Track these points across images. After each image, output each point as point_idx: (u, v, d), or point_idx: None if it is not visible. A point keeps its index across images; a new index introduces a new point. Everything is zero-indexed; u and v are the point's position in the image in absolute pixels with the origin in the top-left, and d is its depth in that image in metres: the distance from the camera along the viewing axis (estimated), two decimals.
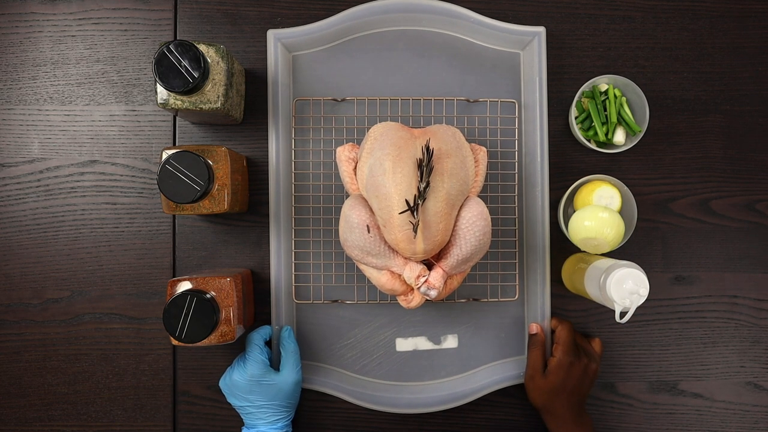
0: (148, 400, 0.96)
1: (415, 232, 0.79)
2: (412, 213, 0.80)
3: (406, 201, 0.80)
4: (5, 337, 0.95)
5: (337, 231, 0.95)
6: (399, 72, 0.97)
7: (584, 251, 0.94)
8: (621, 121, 0.95)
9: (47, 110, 0.96)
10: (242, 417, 0.90)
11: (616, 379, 0.98)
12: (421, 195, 0.80)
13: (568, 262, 0.96)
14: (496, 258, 0.97)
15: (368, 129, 0.94)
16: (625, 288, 0.81)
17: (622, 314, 0.88)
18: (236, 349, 0.96)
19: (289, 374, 0.88)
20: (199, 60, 0.79)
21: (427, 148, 0.80)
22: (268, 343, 0.93)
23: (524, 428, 0.98)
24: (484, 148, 0.91)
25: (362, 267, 0.88)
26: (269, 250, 0.95)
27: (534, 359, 0.92)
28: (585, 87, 0.95)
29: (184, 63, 0.79)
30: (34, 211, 0.96)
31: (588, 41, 0.99)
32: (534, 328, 0.94)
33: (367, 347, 0.96)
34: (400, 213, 0.80)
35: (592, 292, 0.87)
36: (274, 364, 0.92)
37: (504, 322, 0.97)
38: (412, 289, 0.87)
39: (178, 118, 0.97)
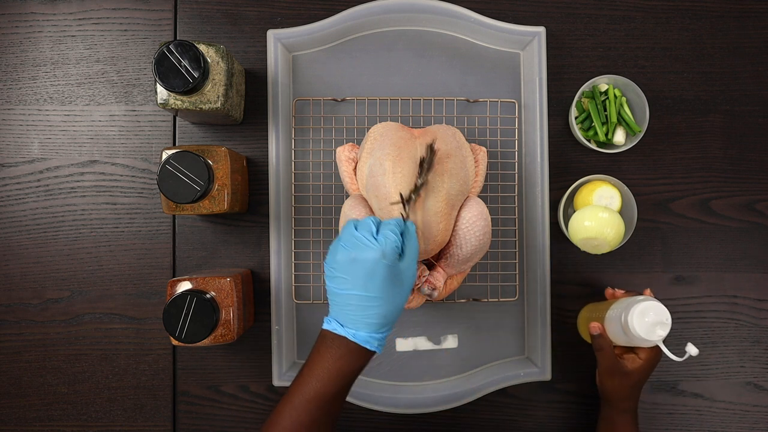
0: (148, 400, 0.96)
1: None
2: (404, 206, 0.78)
3: (401, 194, 0.78)
4: (5, 337, 0.95)
5: (337, 231, 0.95)
6: (399, 72, 0.97)
7: (594, 302, 0.94)
8: (621, 121, 0.95)
9: (47, 110, 0.96)
10: (338, 311, 0.73)
11: None
12: (417, 191, 0.79)
13: (582, 315, 0.95)
14: (496, 258, 0.97)
15: (368, 129, 0.94)
16: (648, 321, 0.79)
17: (673, 351, 0.85)
18: (236, 349, 0.96)
19: (410, 266, 0.73)
20: (199, 60, 0.79)
21: (432, 147, 0.80)
22: None
23: (524, 428, 0.98)
24: (484, 148, 0.91)
25: None
26: (269, 250, 0.95)
27: (608, 357, 0.86)
28: (585, 87, 0.95)
29: (184, 63, 0.79)
30: (34, 211, 0.96)
31: (588, 41, 0.99)
32: (596, 329, 0.87)
33: None
34: (391, 203, 0.79)
35: (618, 338, 0.84)
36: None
37: (504, 322, 0.97)
38: (412, 289, 0.87)
39: (178, 118, 0.97)
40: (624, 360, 0.86)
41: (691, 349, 0.78)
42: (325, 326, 0.74)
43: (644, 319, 0.79)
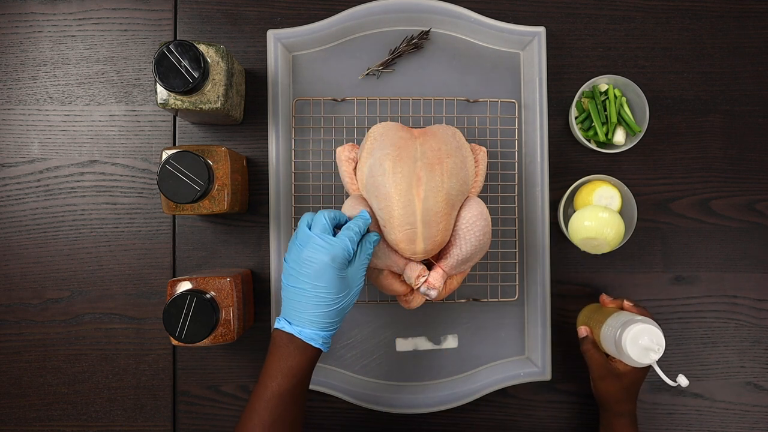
0: (148, 400, 0.96)
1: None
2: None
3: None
4: (5, 337, 0.95)
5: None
6: (399, 72, 0.97)
7: (594, 302, 0.94)
8: (621, 121, 0.95)
9: (47, 110, 0.96)
10: (287, 307, 0.77)
11: None
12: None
13: (581, 317, 0.95)
14: (496, 258, 0.97)
15: (368, 129, 0.94)
16: (641, 344, 0.79)
17: (666, 373, 0.85)
18: (236, 349, 0.96)
19: (358, 269, 0.77)
20: (199, 60, 0.79)
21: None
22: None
23: (524, 428, 0.98)
24: (484, 148, 0.91)
25: None
26: (269, 250, 0.95)
27: (596, 361, 0.87)
28: (585, 87, 0.94)
29: (184, 63, 0.79)
30: (34, 211, 0.96)
31: (588, 41, 0.99)
32: (583, 331, 0.90)
33: (367, 347, 0.96)
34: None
35: (612, 353, 0.85)
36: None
37: (504, 322, 0.97)
38: (412, 289, 0.87)
39: (178, 118, 0.97)
40: (616, 362, 0.86)
41: (682, 380, 0.79)
42: (276, 325, 0.77)
43: (638, 342, 0.79)
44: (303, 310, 0.75)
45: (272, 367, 0.75)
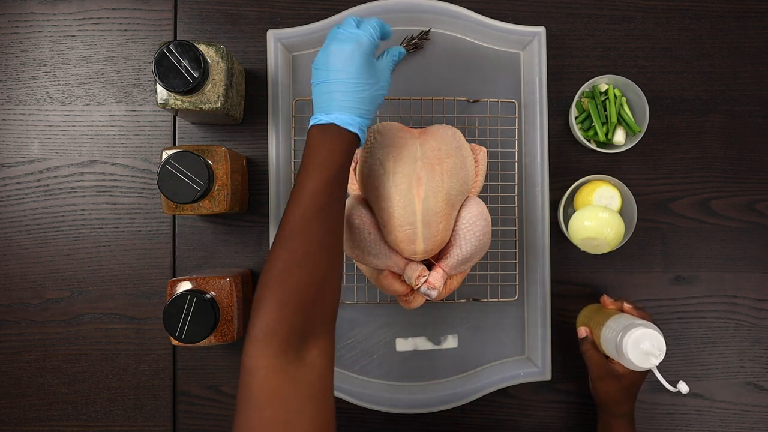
0: (148, 400, 0.96)
1: None
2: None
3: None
4: (5, 337, 0.95)
5: None
6: (399, 72, 0.97)
7: (595, 303, 0.94)
8: (621, 121, 0.95)
9: (47, 110, 0.96)
10: (320, 104, 0.76)
11: None
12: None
13: (580, 318, 0.95)
14: (496, 258, 0.97)
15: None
16: (642, 349, 0.79)
17: (668, 380, 0.85)
18: (236, 349, 0.96)
19: (386, 66, 0.78)
20: (199, 60, 0.79)
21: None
22: None
23: (524, 428, 0.98)
24: (484, 149, 0.91)
25: (362, 267, 0.88)
26: (269, 250, 0.95)
27: (595, 362, 0.87)
28: (585, 87, 0.95)
29: (184, 63, 0.79)
30: (34, 211, 0.96)
31: (588, 41, 0.99)
32: (583, 332, 0.90)
33: (367, 347, 0.96)
34: None
35: (612, 355, 0.85)
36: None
37: (504, 322, 0.97)
38: (412, 289, 0.87)
39: (178, 118, 0.97)
40: (615, 363, 0.86)
41: (683, 387, 0.79)
42: (311, 122, 0.75)
43: (639, 346, 0.79)
44: (336, 99, 0.74)
45: (310, 161, 0.73)
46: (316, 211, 0.71)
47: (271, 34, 0.94)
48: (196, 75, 0.79)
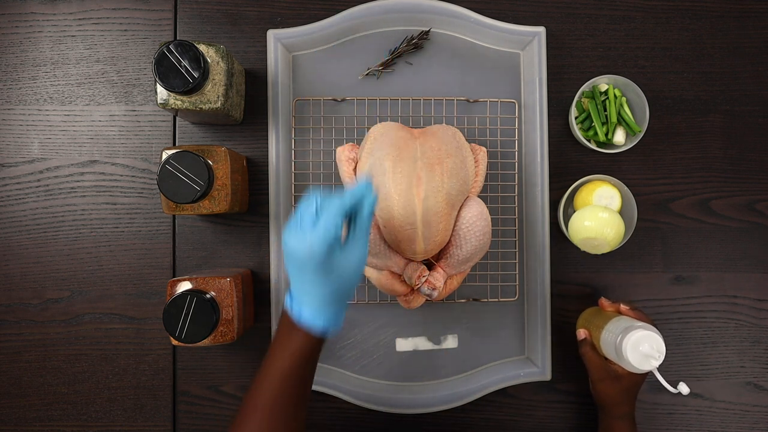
0: (148, 400, 0.96)
1: None
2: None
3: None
4: (5, 337, 0.95)
5: None
6: (399, 72, 0.97)
7: (595, 305, 0.94)
8: (621, 121, 0.95)
9: (47, 110, 0.96)
10: (292, 285, 0.72)
11: None
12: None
13: (580, 320, 0.95)
14: (496, 258, 0.96)
15: (368, 129, 0.94)
16: (642, 351, 0.79)
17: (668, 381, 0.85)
18: (236, 349, 0.96)
19: (352, 252, 0.69)
20: (199, 60, 0.79)
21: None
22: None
23: (524, 428, 0.98)
24: (484, 148, 0.91)
25: None
26: (269, 250, 0.95)
27: (595, 363, 0.87)
28: (585, 87, 0.94)
29: (184, 63, 0.79)
30: (34, 211, 0.96)
31: (588, 41, 0.99)
32: (582, 334, 0.90)
33: (367, 347, 0.96)
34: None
35: (612, 358, 0.85)
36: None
37: (504, 322, 0.97)
38: (412, 289, 0.87)
39: (178, 118, 0.97)
40: (614, 364, 0.86)
41: (683, 389, 0.79)
42: (285, 302, 0.73)
43: (638, 349, 0.79)
44: (303, 293, 0.70)
45: (277, 346, 0.71)
46: (272, 402, 0.70)
47: (271, 34, 0.94)
48: (196, 75, 0.79)
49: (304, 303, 0.70)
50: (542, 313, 0.95)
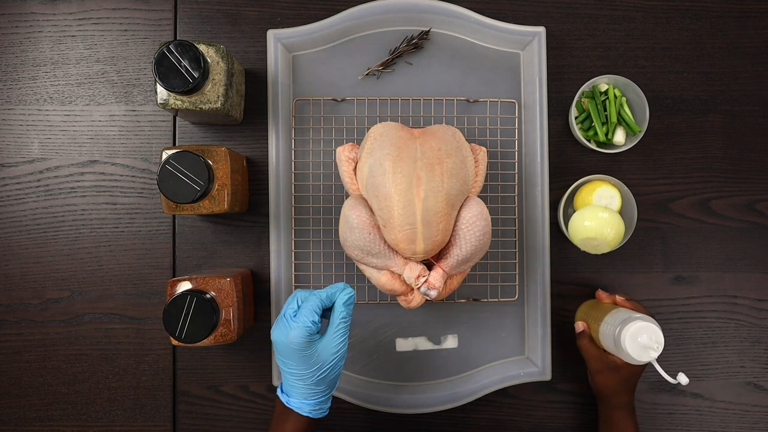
0: (148, 400, 0.96)
1: None
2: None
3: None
4: (5, 337, 0.95)
5: (336, 231, 0.95)
6: (399, 72, 0.97)
7: (593, 299, 0.94)
8: (621, 121, 0.95)
9: (47, 110, 0.96)
10: (282, 375, 0.80)
11: None
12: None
13: (578, 314, 0.95)
14: (496, 258, 0.97)
15: (368, 129, 0.94)
16: (640, 342, 0.79)
17: (667, 372, 0.85)
18: (236, 349, 0.96)
19: (329, 344, 0.77)
20: (199, 60, 0.79)
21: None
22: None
23: (524, 428, 0.98)
24: (484, 148, 0.91)
25: (362, 267, 0.88)
26: (269, 250, 0.95)
27: (593, 355, 0.88)
28: (585, 87, 0.94)
29: (184, 63, 0.79)
30: (34, 211, 0.96)
31: (588, 41, 0.99)
32: (580, 326, 0.91)
33: (367, 347, 0.96)
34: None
35: (610, 350, 0.85)
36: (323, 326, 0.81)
37: (504, 322, 0.97)
38: (412, 289, 0.87)
39: (178, 118, 0.97)
40: (612, 355, 0.87)
41: (682, 379, 0.78)
42: (278, 389, 0.81)
43: (637, 340, 0.79)
44: (288, 380, 0.78)
45: (274, 428, 0.80)
46: None
47: (271, 34, 0.94)
48: (196, 75, 0.79)
49: (292, 389, 0.78)
50: (542, 313, 0.95)
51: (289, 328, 0.76)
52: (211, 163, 0.83)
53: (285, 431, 0.79)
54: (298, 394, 0.78)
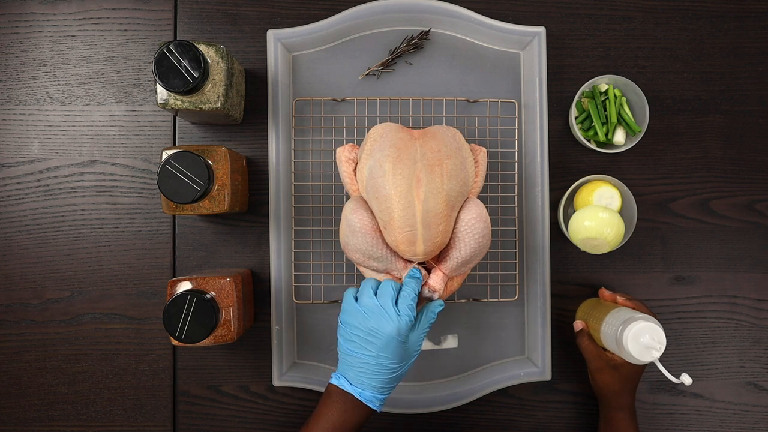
0: (148, 400, 0.96)
1: None
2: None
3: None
4: (5, 337, 0.95)
5: (336, 231, 0.95)
6: (399, 72, 0.97)
7: (594, 298, 0.94)
8: (621, 121, 0.95)
9: (47, 110, 0.96)
10: (347, 367, 0.79)
11: None
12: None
13: (579, 312, 0.95)
14: (496, 258, 0.96)
15: (368, 129, 0.94)
16: (642, 342, 0.78)
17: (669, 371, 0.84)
18: (236, 349, 0.96)
19: (416, 341, 0.79)
20: (199, 60, 0.79)
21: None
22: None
23: (524, 428, 0.98)
24: (484, 149, 0.91)
25: (362, 269, 0.88)
26: (269, 250, 0.95)
27: (592, 353, 0.88)
28: (585, 87, 0.94)
29: (184, 63, 0.79)
30: (34, 211, 0.96)
31: (588, 41, 0.99)
32: (578, 325, 0.91)
33: None
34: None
35: (612, 349, 0.85)
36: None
37: (504, 322, 0.97)
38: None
39: (178, 118, 0.97)
40: (612, 354, 0.87)
41: (686, 379, 0.78)
42: (333, 381, 0.79)
43: (639, 340, 0.79)
44: (365, 375, 0.77)
45: (324, 419, 0.78)
46: None
47: (271, 34, 0.94)
48: (196, 75, 0.79)
49: (371, 381, 0.77)
50: (542, 313, 0.95)
51: (399, 318, 0.76)
52: (211, 163, 0.83)
53: (343, 422, 0.77)
54: (374, 389, 0.77)
